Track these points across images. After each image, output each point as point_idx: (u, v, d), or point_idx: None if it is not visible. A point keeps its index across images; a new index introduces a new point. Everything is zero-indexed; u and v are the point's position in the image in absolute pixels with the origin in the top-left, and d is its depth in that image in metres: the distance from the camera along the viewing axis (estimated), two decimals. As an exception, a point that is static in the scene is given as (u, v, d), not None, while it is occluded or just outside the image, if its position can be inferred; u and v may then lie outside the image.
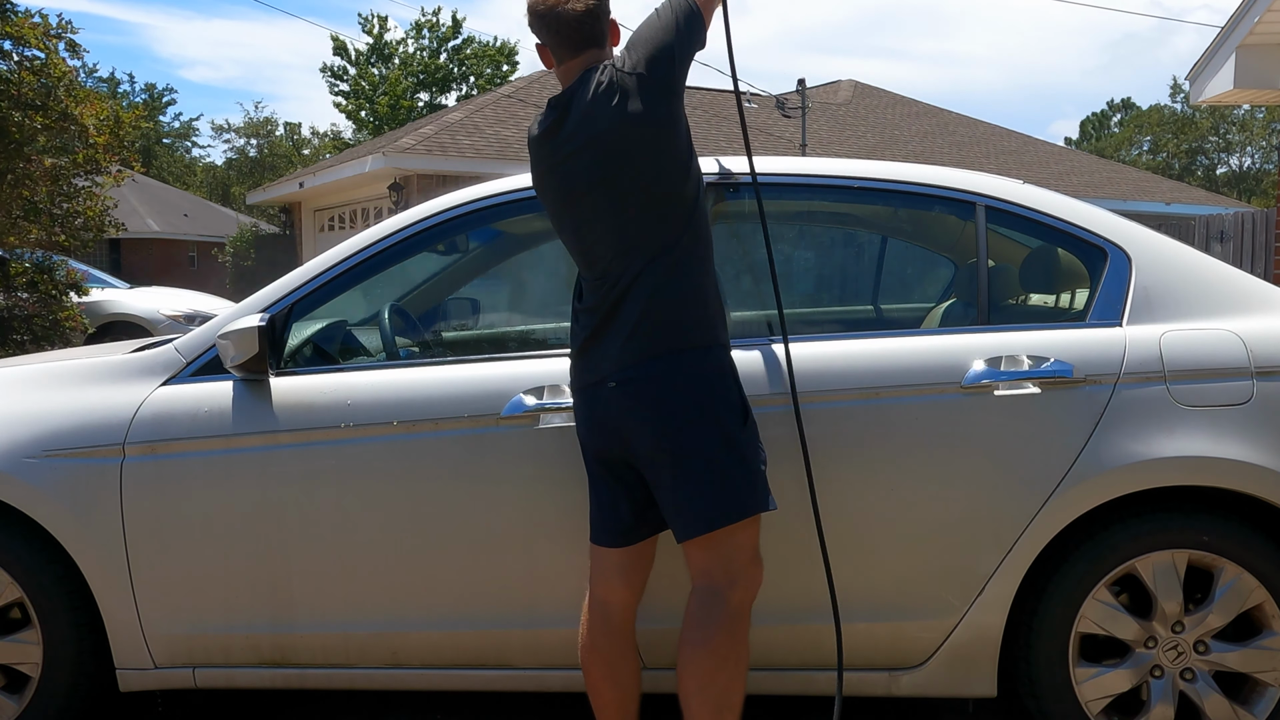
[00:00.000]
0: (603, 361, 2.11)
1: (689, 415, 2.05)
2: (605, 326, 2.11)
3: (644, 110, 2.04)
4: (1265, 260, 8.91)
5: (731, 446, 2.07)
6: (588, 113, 2.08)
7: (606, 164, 2.07)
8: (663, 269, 2.07)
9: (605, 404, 2.12)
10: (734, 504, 2.07)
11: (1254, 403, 2.30)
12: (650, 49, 2.09)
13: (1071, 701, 2.36)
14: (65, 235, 8.67)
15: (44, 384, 2.59)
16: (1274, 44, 6.75)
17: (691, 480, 2.06)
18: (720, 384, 2.09)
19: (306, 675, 2.54)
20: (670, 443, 2.05)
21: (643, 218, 2.07)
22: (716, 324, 2.13)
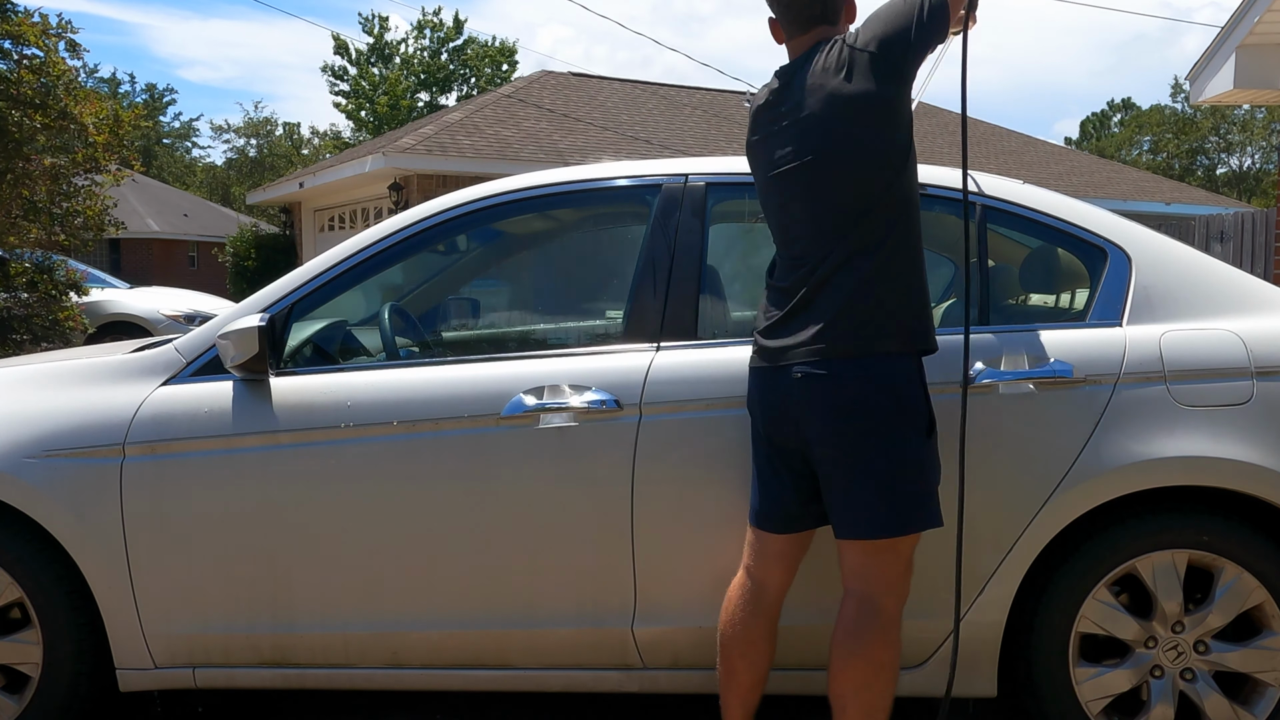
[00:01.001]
0: (791, 346, 2.07)
1: (873, 423, 2.01)
2: (799, 311, 2.07)
3: (868, 89, 1.99)
4: (1265, 260, 8.91)
5: (911, 459, 2.03)
6: (810, 85, 2.06)
7: (820, 139, 2.03)
8: (871, 264, 2.01)
9: (785, 390, 2.08)
10: (906, 517, 2.03)
11: (1254, 403, 2.30)
12: (887, 29, 2.02)
13: (1071, 701, 2.36)
14: (65, 235, 8.68)
15: (44, 384, 2.59)
16: (1274, 44, 6.75)
17: (866, 486, 2.02)
18: (909, 394, 2.03)
19: (306, 675, 2.54)
20: (850, 446, 2.02)
21: (849, 204, 2.02)
22: (920, 329, 2.07)
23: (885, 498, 2.01)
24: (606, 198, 2.76)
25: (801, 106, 2.06)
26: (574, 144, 15.71)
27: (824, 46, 2.08)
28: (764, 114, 2.16)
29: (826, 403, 2.02)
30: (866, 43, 2.02)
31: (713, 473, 2.36)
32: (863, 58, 2.00)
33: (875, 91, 2.00)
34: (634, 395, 2.38)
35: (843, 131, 2.01)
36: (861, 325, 2.01)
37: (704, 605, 2.40)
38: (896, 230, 2.03)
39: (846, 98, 2.00)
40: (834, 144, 2.02)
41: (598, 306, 3.01)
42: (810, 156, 2.05)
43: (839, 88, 2.01)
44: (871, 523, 2.03)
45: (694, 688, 2.47)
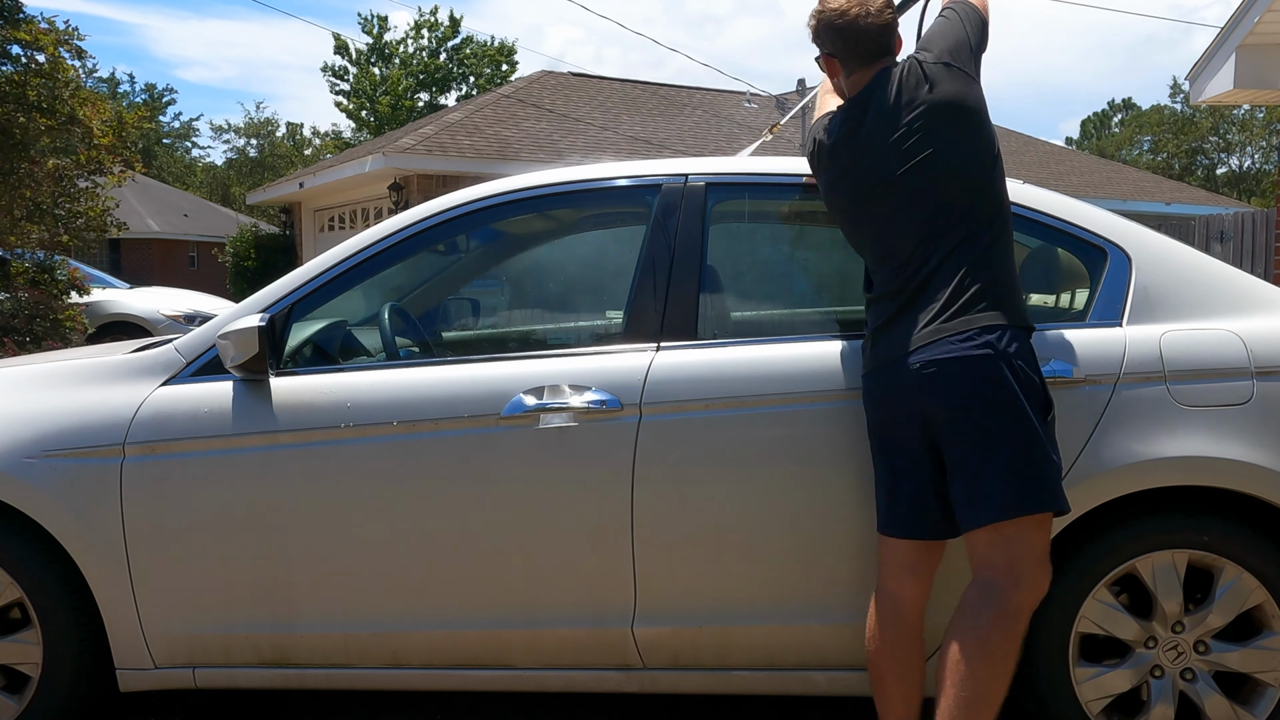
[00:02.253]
0: (903, 339, 2.13)
1: (999, 398, 2.03)
2: (907, 308, 2.14)
3: (960, 93, 2.18)
4: (1265, 260, 8.91)
5: (1036, 437, 2.04)
6: (897, 104, 2.18)
7: (919, 149, 2.15)
8: (972, 253, 2.12)
9: (903, 380, 2.12)
10: (1037, 495, 2.03)
11: (1254, 403, 2.30)
12: (950, 42, 2.24)
13: (1071, 701, 2.36)
14: (68, 235, 8.70)
15: (44, 384, 2.59)
16: (1274, 44, 6.75)
17: (997, 465, 2.02)
18: (1025, 367, 2.07)
19: (306, 675, 2.54)
20: (977, 426, 2.04)
21: (953, 203, 2.14)
22: (1021, 306, 2.15)
23: (1017, 477, 2.01)
24: (606, 198, 2.76)
25: (894, 124, 2.18)
26: (574, 144, 15.70)
27: (892, 72, 2.23)
28: (844, 147, 2.25)
29: (947, 384, 2.06)
30: (939, 56, 2.21)
31: (713, 473, 2.36)
32: (942, 69, 2.19)
33: (963, 94, 2.18)
34: (634, 395, 2.38)
35: (945, 135, 2.16)
36: (972, 305, 2.08)
37: (704, 605, 2.40)
38: (997, 220, 2.16)
39: (940, 105, 2.17)
40: (937, 148, 2.15)
41: (598, 306, 3.01)
42: (913, 166, 2.16)
43: (930, 98, 2.17)
44: (1000, 503, 2.02)
45: (694, 688, 2.47)
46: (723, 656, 2.43)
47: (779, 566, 2.37)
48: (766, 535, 2.35)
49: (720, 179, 2.61)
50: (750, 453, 2.35)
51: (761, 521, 2.35)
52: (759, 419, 2.35)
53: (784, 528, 2.35)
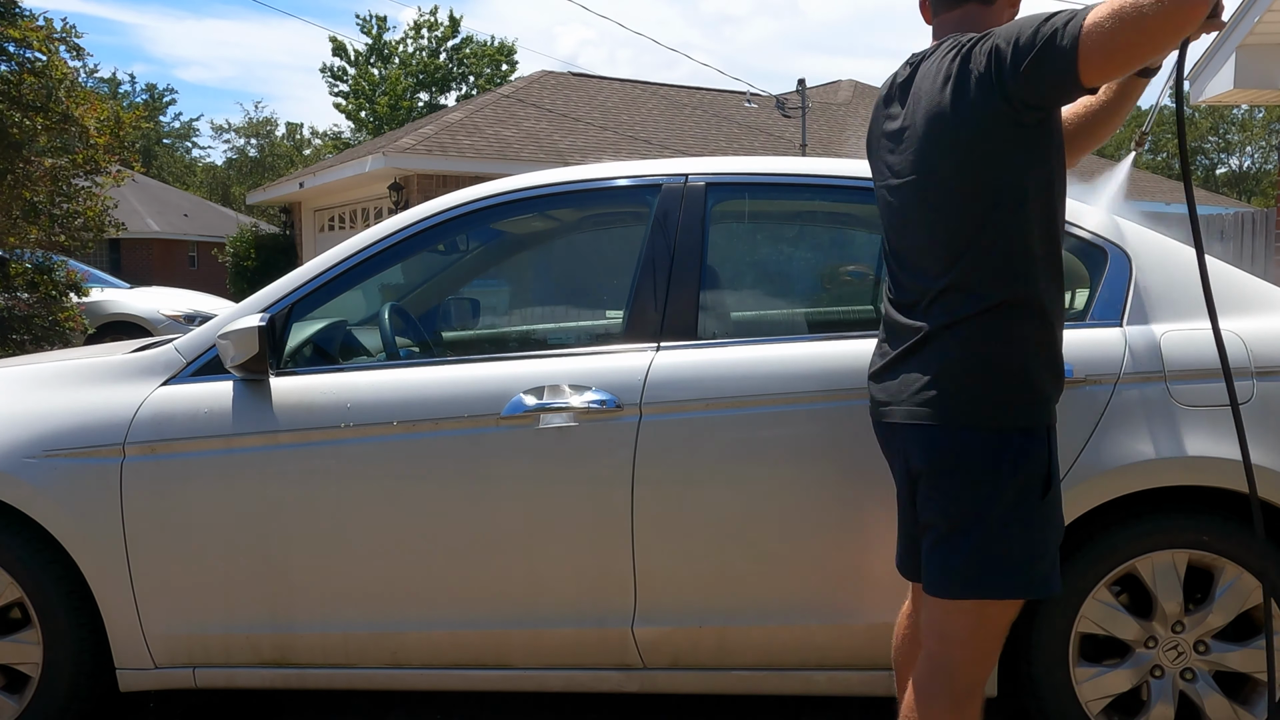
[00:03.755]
0: (890, 400, 1.88)
1: (967, 481, 1.78)
2: (914, 353, 1.84)
3: (971, 109, 1.72)
4: (1265, 260, 8.91)
5: (1013, 520, 1.77)
6: (918, 88, 1.81)
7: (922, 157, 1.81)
8: (979, 319, 1.76)
9: (889, 427, 1.92)
10: (986, 580, 1.78)
11: (1254, 403, 2.30)
12: (1013, 32, 1.67)
13: (1071, 701, 2.36)
14: (66, 235, 8.69)
15: (44, 384, 2.59)
16: (1274, 44, 6.76)
17: (950, 540, 1.80)
18: (1015, 462, 1.75)
19: (306, 675, 2.54)
20: (943, 497, 1.80)
21: (956, 237, 1.77)
22: (1027, 403, 1.77)
23: (965, 555, 1.78)
24: (606, 198, 2.76)
25: (915, 111, 1.81)
26: (574, 144, 15.71)
27: (951, 39, 1.78)
28: (877, 107, 1.96)
29: (923, 457, 1.83)
30: (984, 52, 1.69)
31: (713, 473, 2.36)
32: (973, 66, 1.71)
33: (978, 113, 1.71)
34: (634, 395, 2.38)
35: (942, 153, 1.77)
36: (959, 393, 1.77)
37: (704, 605, 2.40)
38: (1017, 285, 1.75)
39: (939, 112, 1.75)
40: (933, 166, 1.79)
41: (598, 306, 3.01)
42: (908, 174, 1.84)
43: (941, 101, 1.75)
44: (945, 580, 1.81)
45: (694, 688, 2.48)
46: (723, 656, 2.43)
47: (779, 566, 2.37)
48: (766, 535, 2.35)
49: (720, 179, 2.61)
50: (750, 453, 2.35)
51: (761, 521, 2.35)
52: (759, 419, 2.35)
53: (784, 528, 2.35)
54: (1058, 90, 1.62)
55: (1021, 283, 1.76)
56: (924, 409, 1.79)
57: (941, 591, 1.82)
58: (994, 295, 1.75)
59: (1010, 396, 1.75)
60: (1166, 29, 1.48)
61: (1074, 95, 1.63)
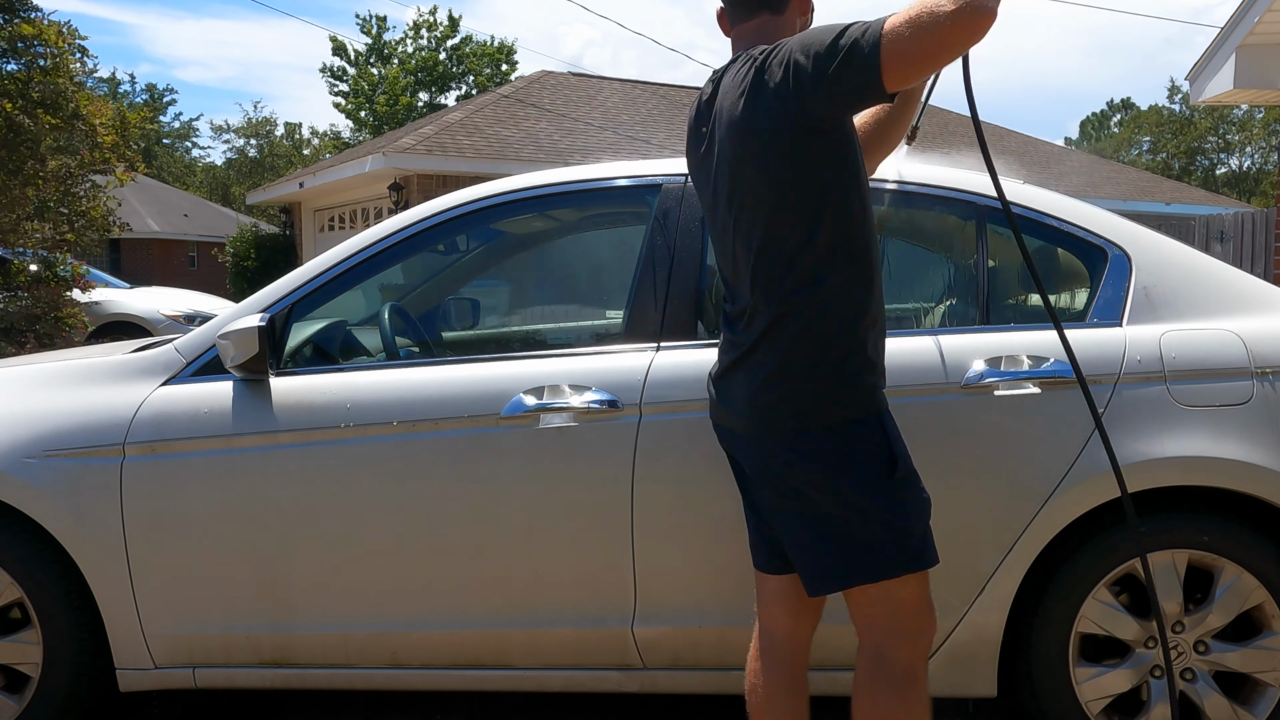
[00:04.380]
0: (727, 407, 1.91)
1: (817, 486, 1.80)
2: (740, 364, 1.86)
3: (767, 123, 1.74)
4: (1265, 260, 8.91)
5: (868, 505, 1.79)
6: (720, 104, 1.83)
7: (728, 174, 1.83)
8: (799, 327, 1.78)
9: (730, 433, 1.94)
10: (865, 564, 1.80)
11: (1254, 403, 2.30)
12: (809, 41, 1.69)
13: (1071, 701, 2.36)
14: (72, 234, 8.73)
15: (44, 384, 2.59)
16: (1274, 44, 6.76)
17: (813, 536, 1.82)
18: (853, 453, 1.78)
19: (306, 675, 2.54)
20: (790, 497, 1.83)
21: (770, 252, 1.79)
22: (850, 400, 1.79)
23: (833, 548, 1.80)
24: (606, 198, 2.76)
25: (719, 128, 1.82)
26: (574, 144, 15.70)
27: (749, 52, 1.80)
28: (693, 125, 1.95)
29: (765, 463, 1.85)
30: (781, 64, 1.71)
31: (713, 473, 2.36)
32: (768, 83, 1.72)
33: (775, 127, 1.71)
34: (634, 395, 2.38)
35: (745, 169, 1.78)
36: (788, 398, 1.79)
37: (704, 605, 2.40)
38: (828, 286, 1.78)
39: (740, 127, 1.76)
40: (741, 183, 1.79)
41: (598, 306, 3.01)
42: (722, 191, 1.84)
43: (737, 114, 1.76)
44: (822, 575, 1.83)
45: (694, 688, 2.47)
46: (723, 656, 2.43)
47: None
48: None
49: None
50: (750, 453, 2.35)
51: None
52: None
53: (784, 528, 2.35)
54: (861, 97, 1.66)
55: (836, 286, 1.78)
56: (759, 417, 1.82)
57: (822, 587, 1.85)
58: (810, 301, 1.78)
59: (836, 393, 1.79)
60: (962, 36, 1.54)
61: (876, 101, 1.68)
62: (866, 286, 1.82)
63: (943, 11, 1.53)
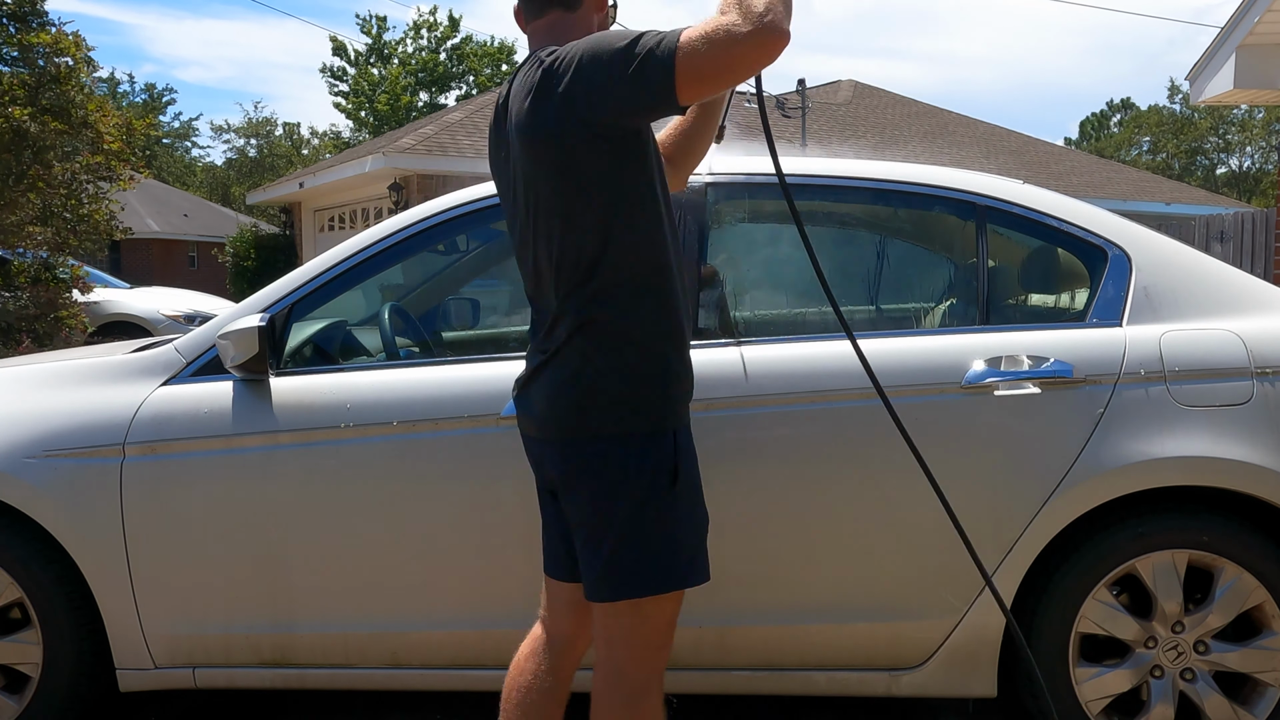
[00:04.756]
0: (526, 412, 1.89)
1: (596, 487, 1.78)
2: (541, 372, 1.83)
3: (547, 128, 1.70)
4: (1265, 260, 8.91)
5: (647, 519, 1.76)
6: (511, 107, 1.78)
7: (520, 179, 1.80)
8: (597, 330, 1.75)
9: (533, 441, 1.92)
10: (637, 579, 1.77)
11: (1254, 403, 2.30)
12: (592, 47, 1.66)
13: (1071, 701, 2.36)
14: (75, 238, 8.76)
15: (44, 384, 2.59)
16: (1274, 44, 6.76)
17: (592, 546, 1.79)
18: (637, 465, 1.76)
19: (306, 675, 2.54)
20: (579, 505, 1.80)
21: (569, 257, 1.75)
22: (645, 409, 1.76)
23: (612, 559, 1.77)
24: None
25: (511, 131, 1.77)
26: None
27: (533, 57, 1.75)
28: (493, 126, 1.89)
29: (558, 469, 1.82)
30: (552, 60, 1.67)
31: (712, 473, 2.35)
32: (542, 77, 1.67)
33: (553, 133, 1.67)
34: (634, 395, 2.37)
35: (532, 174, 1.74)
36: (580, 408, 1.76)
37: (703, 605, 2.39)
38: (625, 296, 1.75)
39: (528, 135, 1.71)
40: (535, 189, 1.75)
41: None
42: (520, 197, 1.80)
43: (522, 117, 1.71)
44: (600, 584, 1.79)
45: (694, 688, 2.47)
46: (723, 656, 2.43)
47: (779, 566, 2.37)
48: (766, 535, 2.35)
49: (720, 179, 2.61)
50: (750, 453, 2.35)
51: (761, 521, 2.35)
52: (759, 419, 2.35)
53: (784, 528, 2.35)
54: (653, 108, 1.63)
55: (637, 295, 1.75)
56: (554, 424, 1.79)
57: (598, 596, 1.80)
58: (610, 309, 1.74)
59: (632, 405, 1.75)
60: (756, 56, 1.54)
61: (667, 113, 1.64)
62: (664, 297, 1.78)
63: (739, 31, 1.52)
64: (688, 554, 1.81)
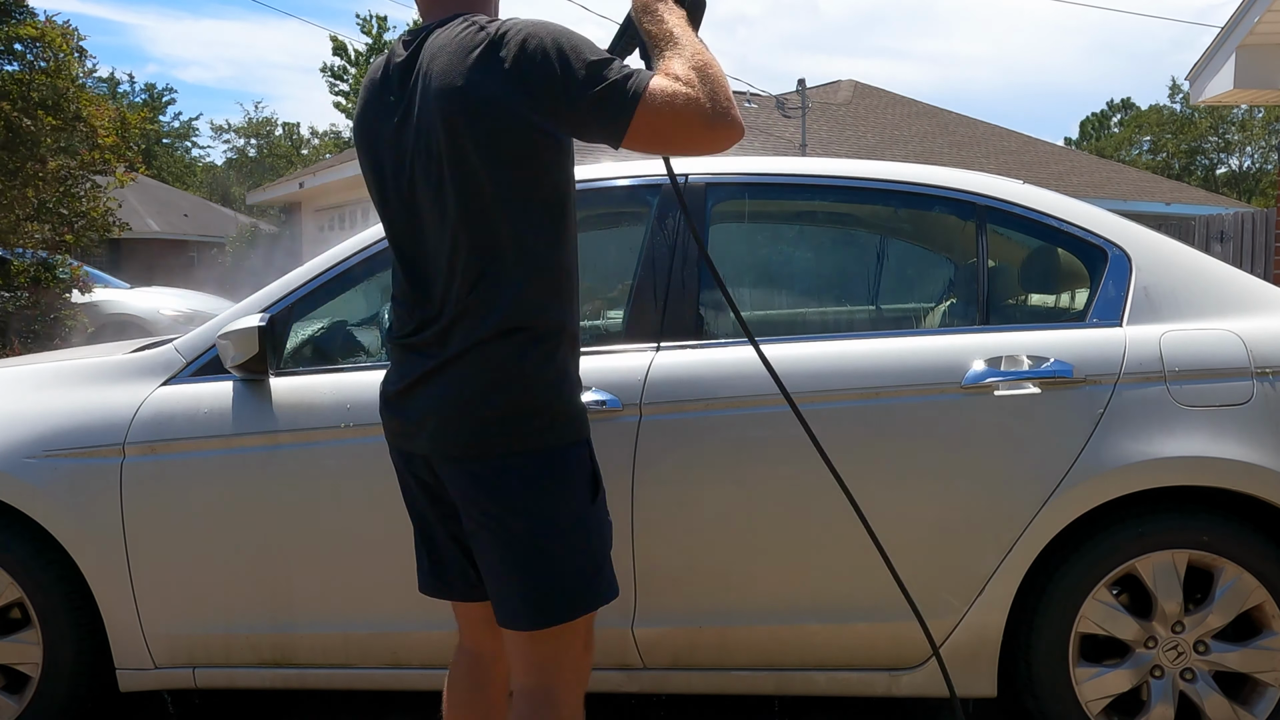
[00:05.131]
0: (422, 422, 1.69)
1: (522, 515, 1.65)
2: (433, 380, 1.66)
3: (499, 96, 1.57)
4: (1265, 260, 8.91)
5: (570, 535, 1.67)
6: (428, 71, 1.62)
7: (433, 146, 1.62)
8: (508, 338, 1.63)
9: (413, 456, 1.78)
10: (568, 601, 1.67)
11: (1254, 403, 2.30)
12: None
13: (1071, 701, 2.36)
14: (71, 235, 8.74)
15: (44, 384, 2.59)
16: (1274, 44, 6.76)
17: (515, 572, 1.67)
18: (553, 480, 1.65)
19: (306, 675, 2.54)
20: (498, 534, 1.67)
21: (480, 252, 1.62)
22: (550, 422, 1.65)
23: (539, 582, 1.65)
24: (606, 198, 2.76)
25: (425, 100, 1.59)
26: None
27: (466, 19, 1.62)
28: (376, 91, 1.71)
29: (464, 490, 1.68)
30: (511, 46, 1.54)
31: (713, 473, 2.36)
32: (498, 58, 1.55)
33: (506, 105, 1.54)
34: (634, 395, 2.38)
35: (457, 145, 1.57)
36: (493, 423, 1.62)
37: (704, 605, 2.40)
38: (538, 301, 1.64)
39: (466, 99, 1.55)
40: (455, 170, 1.58)
41: (597, 306, 3.01)
42: (423, 177, 1.62)
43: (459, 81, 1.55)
44: (523, 610, 1.66)
45: (694, 688, 2.47)
46: (723, 656, 2.43)
47: (779, 566, 2.37)
48: (766, 535, 2.35)
49: (720, 179, 2.61)
50: (750, 453, 2.35)
51: (761, 521, 2.35)
52: (759, 419, 2.35)
53: (784, 528, 2.35)
54: (595, 131, 1.57)
55: (552, 299, 1.65)
56: (460, 441, 1.64)
57: (523, 623, 1.67)
58: (522, 313, 1.61)
59: (549, 415, 1.64)
60: (712, 143, 1.51)
61: (602, 142, 1.58)
62: (573, 303, 1.71)
63: (705, 117, 1.49)
64: (608, 568, 1.73)
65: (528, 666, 1.71)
